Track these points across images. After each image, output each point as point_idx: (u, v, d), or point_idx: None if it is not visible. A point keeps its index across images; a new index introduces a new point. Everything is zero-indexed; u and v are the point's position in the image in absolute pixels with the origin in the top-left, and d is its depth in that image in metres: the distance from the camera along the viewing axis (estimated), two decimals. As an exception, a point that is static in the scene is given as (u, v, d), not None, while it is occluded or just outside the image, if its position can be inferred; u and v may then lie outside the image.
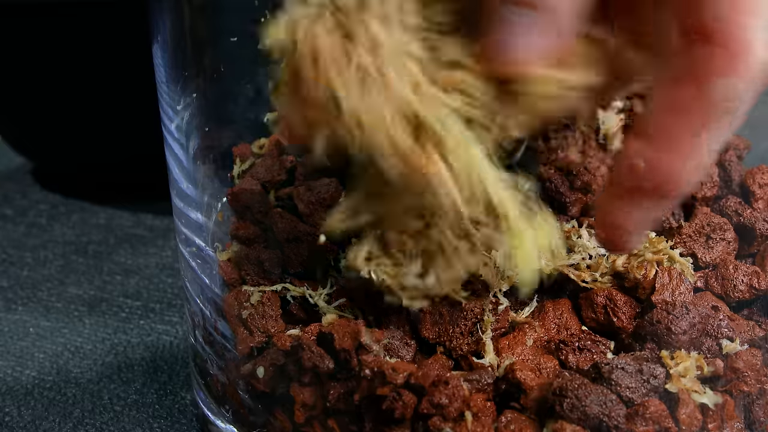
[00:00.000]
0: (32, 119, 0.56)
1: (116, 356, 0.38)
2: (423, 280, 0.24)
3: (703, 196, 0.30)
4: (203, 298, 0.30)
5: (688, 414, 0.23)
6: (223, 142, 0.33)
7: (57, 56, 0.51)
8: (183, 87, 0.30)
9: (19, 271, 0.47)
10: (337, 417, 0.25)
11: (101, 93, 0.52)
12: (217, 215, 0.32)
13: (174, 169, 0.31)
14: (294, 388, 0.25)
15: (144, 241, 0.50)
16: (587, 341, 0.26)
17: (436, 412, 0.23)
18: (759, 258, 0.28)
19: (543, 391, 0.24)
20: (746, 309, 0.27)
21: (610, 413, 0.23)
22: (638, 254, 0.27)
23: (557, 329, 0.26)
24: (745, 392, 0.25)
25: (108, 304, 0.43)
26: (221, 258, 0.29)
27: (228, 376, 0.29)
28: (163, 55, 0.30)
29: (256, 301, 0.27)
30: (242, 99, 0.35)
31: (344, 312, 0.27)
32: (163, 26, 0.29)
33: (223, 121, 0.34)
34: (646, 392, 0.23)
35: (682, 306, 0.25)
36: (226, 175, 0.32)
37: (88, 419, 0.34)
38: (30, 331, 0.40)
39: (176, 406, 0.34)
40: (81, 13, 0.49)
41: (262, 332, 0.27)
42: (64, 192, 0.58)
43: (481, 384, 0.24)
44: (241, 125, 0.35)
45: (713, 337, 0.25)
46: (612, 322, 0.26)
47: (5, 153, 0.62)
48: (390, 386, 0.23)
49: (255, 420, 0.28)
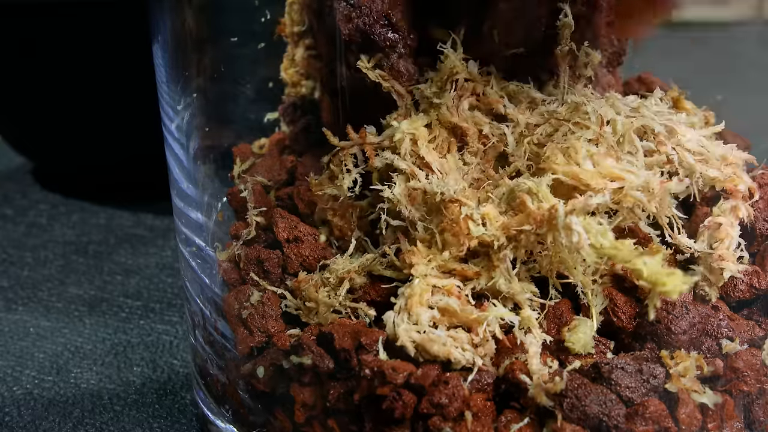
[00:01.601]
0: (32, 119, 0.56)
1: (116, 356, 0.38)
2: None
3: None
4: (203, 297, 0.30)
5: (688, 414, 0.23)
6: (223, 142, 0.33)
7: (57, 56, 0.51)
8: (183, 87, 0.30)
9: (19, 271, 0.47)
10: (337, 417, 0.25)
11: (101, 93, 0.52)
12: (217, 215, 0.32)
13: (174, 169, 0.31)
14: (294, 388, 0.25)
15: (144, 241, 0.50)
16: (587, 341, 0.26)
17: (436, 412, 0.23)
18: (759, 258, 0.28)
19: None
20: (746, 309, 0.27)
21: (609, 413, 0.23)
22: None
23: (557, 329, 0.26)
24: (744, 392, 0.25)
25: (108, 304, 0.43)
26: (221, 258, 0.29)
27: (228, 376, 0.29)
28: (163, 55, 0.30)
29: (256, 301, 0.27)
30: (242, 99, 0.35)
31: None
32: (163, 26, 0.29)
33: (223, 121, 0.34)
34: (645, 392, 0.24)
35: (682, 306, 0.25)
36: (226, 175, 0.32)
37: (88, 419, 0.34)
38: (30, 331, 0.41)
39: (176, 406, 0.34)
40: (81, 13, 0.49)
41: (262, 332, 0.27)
42: (64, 192, 0.58)
43: (481, 384, 0.24)
44: (241, 125, 0.35)
45: (713, 337, 0.25)
46: (612, 322, 0.26)
47: (5, 153, 0.62)
48: (390, 386, 0.23)
49: (255, 420, 0.28)
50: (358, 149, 0.27)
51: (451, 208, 0.25)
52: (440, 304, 0.24)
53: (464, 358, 0.24)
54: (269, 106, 0.35)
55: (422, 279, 0.24)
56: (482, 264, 0.25)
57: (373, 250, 0.27)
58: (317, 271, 0.27)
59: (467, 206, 0.25)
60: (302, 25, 0.32)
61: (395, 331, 0.24)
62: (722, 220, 0.26)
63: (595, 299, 0.25)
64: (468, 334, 0.24)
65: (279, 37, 0.33)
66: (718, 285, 0.26)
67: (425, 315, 0.24)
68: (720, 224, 0.26)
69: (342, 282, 0.26)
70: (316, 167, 0.29)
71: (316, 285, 0.26)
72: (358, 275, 0.26)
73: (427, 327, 0.24)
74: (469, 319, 0.24)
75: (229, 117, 0.35)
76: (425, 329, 0.24)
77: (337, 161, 0.27)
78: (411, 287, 0.24)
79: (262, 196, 0.30)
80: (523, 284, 0.25)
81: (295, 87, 0.33)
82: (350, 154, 0.27)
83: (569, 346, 0.24)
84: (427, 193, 0.25)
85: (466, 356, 0.24)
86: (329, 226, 0.28)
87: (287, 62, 0.34)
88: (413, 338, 0.23)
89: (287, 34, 0.33)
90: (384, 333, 0.24)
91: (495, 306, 0.24)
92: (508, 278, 0.25)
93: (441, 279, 0.24)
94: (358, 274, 0.26)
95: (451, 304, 0.24)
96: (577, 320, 0.25)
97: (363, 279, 0.26)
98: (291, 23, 0.32)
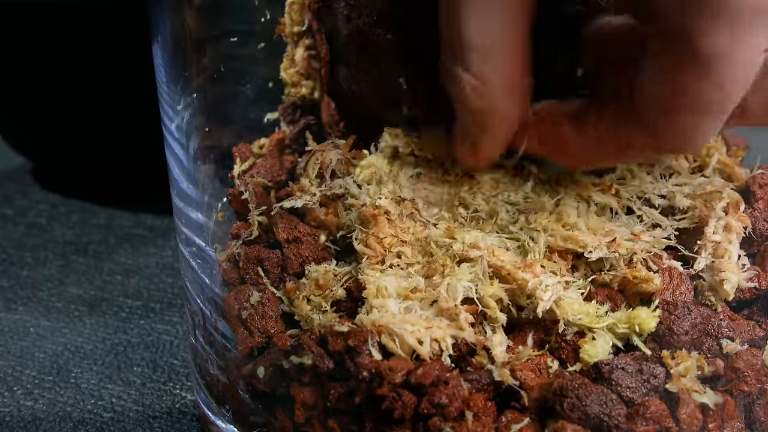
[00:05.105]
0: (32, 119, 0.56)
1: (116, 356, 0.38)
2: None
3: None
4: (203, 297, 0.30)
5: (689, 414, 0.23)
6: (223, 142, 0.33)
7: (57, 56, 0.51)
8: (183, 87, 0.30)
9: (19, 271, 0.47)
10: (338, 417, 0.25)
11: (101, 93, 0.52)
12: (217, 215, 0.32)
13: (174, 169, 0.31)
14: (294, 388, 0.25)
15: (144, 241, 0.50)
16: (587, 341, 0.26)
17: (436, 412, 0.23)
18: (759, 258, 0.28)
19: (543, 390, 0.24)
20: (746, 309, 0.27)
21: (610, 413, 0.23)
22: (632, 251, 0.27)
23: (557, 328, 0.26)
24: (745, 392, 0.25)
25: (108, 304, 0.43)
26: (221, 258, 0.29)
27: (228, 376, 0.29)
28: (163, 55, 0.30)
29: (255, 302, 0.27)
30: (242, 99, 0.35)
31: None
32: (163, 26, 0.29)
33: (223, 121, 0.34)
34: (646, 392, 0.24)
35: (683, 306, 0.25)
36: (226, 175, 0.32)
37: (88, 419, 0.34)
38: (30, 331, 0.40)
39: (176, 406, 0.34)
40: (81, 13, 0.49)
41: (261, 332, 0.27)
42: (64, 192, 0.58)
43: (481, 384, 0.24)
44: (241, 125, 0.35)
45: (714, 337, 0.25)
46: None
47: (5, 153, 0.62)
48: (389, 386, 0.23)
49: (255, 420, 0.28)
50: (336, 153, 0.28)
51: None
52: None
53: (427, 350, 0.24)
54: (269, 106, 0.35)
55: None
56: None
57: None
58: (306, 277, 0.27)
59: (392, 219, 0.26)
60: (302, 25, 0.32)
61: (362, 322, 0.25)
62: (717, 238, 0.26)
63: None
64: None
65: (279, 37, 0.33)
66: (722, 297, 0.26)
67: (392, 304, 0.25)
68: (717, 242, 0.26)
69: (326, 295, 0.26)
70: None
71: (303, 298, 0.27)
72: (340, 286, 0.26)
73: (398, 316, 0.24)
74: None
75: (229, 117, 0.35)
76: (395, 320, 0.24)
77: (312, 164, 0.28)
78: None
79: (262, 196, 0.30)
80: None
81: (295, 87, 0.33)
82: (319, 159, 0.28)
83: (584, 357, 0.24)
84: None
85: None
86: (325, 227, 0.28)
87: (287, 62, 0.34)
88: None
89: (287, 34, 0.33)
90: (371, 333, 0.24)
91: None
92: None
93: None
94: (340, 284, 0.26)
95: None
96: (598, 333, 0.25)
97: (344, 292, 0.26)
98: (291, 23, 0.32)
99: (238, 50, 0.33)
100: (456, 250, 0.26)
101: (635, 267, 0.26)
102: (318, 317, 0.26)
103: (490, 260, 0.25)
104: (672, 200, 0.27)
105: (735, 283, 0.26)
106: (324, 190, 0.28)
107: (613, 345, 0.25)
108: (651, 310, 0.25)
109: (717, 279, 0.26)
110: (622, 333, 0.25)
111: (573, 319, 0.25)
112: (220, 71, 0.31)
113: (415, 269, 0.26)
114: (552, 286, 0.25)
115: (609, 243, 0.26)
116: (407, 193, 0.27)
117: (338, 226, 0.28)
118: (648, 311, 0.25)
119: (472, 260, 0.25)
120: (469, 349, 0.24)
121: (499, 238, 0.26)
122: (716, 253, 0.26)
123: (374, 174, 0.28)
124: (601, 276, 0.26)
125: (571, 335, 0.25)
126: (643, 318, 0.24)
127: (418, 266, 0.26)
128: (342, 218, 0.27)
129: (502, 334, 0.25)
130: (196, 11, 0.29)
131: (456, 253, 0.26)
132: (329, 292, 0.26)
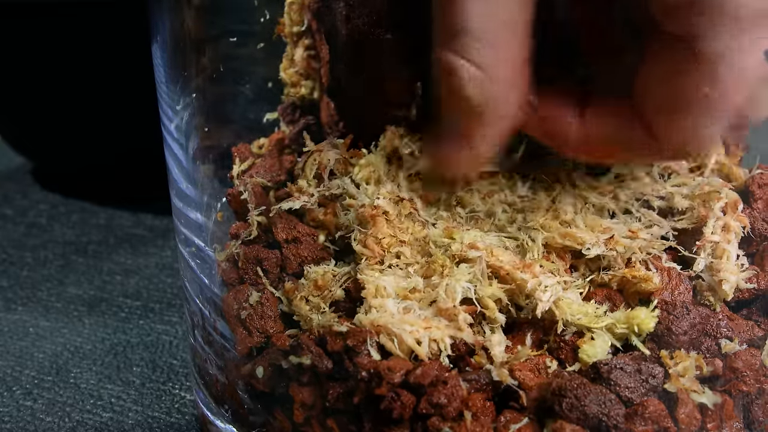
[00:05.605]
0: (32, 119, 0.56)
1: (115, 356, 0.38)
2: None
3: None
4: (202, 297, 0.30)
5: (687, 414, 0.23)
6: (222, 142, 0.33)
7: (57, 56, 0.51)
8: (183, 87, 0.30)
9: (19, 271, 0.47)
10: (336, 417, 0.25)
11: (101, 93, 0.52)
12: (216, 215, 0.32)
13: (173, 169, 0.31)
14: (293, 388, 0.25)
15: (144, 241, 0.50)
16: (586, 341, 0.26)
17: (434, 412, 0.23)
18: (758, 258, 0.28)
19: (542, 390, 0.24)
20: (745, 309, 0.27)
21: (609, 413, 0.23)
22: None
23: (556, 329, 0.26)
24: (744, 392, 0.25)
25: (108, 304, 0.43)
26: (220, 258, 0.29)
27: (227, 376, 0.29)
28: (162, 55, 0.30)
29: (254, 302, 0.27)
30: (241, 99, 0.35)
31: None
32: (162, 26, 0.29)
33: (223, 121, 0.34)
34: (645, 392, 0.24)
35: (682, 306, 0.25)
36: (226, 175, 0.32)
37: (88, 419, 0.34)
38: (30, 331, 0.41)
39: (175, 406, 0.34)
40: (81, 13, 0.49)
41: (260, 332, 0.27)
42: (64, 192, 0.58)
43: (479, 384, 0.24)
44: (240, 125, 0.35)
45: (712, 337, 0.25)
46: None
47: (5, 153, 0.62)
48: (388, 386, 0.23)
49: (254, 420, 0.28)
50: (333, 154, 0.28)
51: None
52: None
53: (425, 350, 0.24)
54: (268, 106, 0.35)
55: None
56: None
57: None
58: (304, 278, 0.27)
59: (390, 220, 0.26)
60: (301, 25, 0.32)
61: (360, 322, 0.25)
62: (716, 238, 0.26)
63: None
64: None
65: (278, 37, 0.33)
66: (721, 297, 0.26)
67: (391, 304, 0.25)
68: (716, 242, 0.26)
69: (325, 295, 0.26)
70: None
71: (302, 298, 0.27)
72: (339, 286, 0.26)
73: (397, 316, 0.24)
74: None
75: (229, 117, 0.35)
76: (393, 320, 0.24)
77: (310, 164, 0.28)
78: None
79: (262, 196, 0.30)
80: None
81: (294, 87, 0.33)
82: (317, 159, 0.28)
83: (583, 357, 0.24)
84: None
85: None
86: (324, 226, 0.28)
87: (286, 62, 0.34)
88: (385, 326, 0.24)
89: (286, 34, 0.33)
90: (370, 333, 0.24)
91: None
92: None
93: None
94: (338, 285, 0.26)
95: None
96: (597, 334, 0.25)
97: (343, 292, 0.26)
98: (290, 23, 0.33)
99: (238, 50, 0.33)
100: (455, 250, 0.26)
101: (634, 266, 0.26)
102: (317, 317, 0.26)
103: (489, 260, 0.25)
104: (670, 201, 0.27)
105: (734, 283, 0.26)
106: (322, 191, 0.28)
107: (612, 345, 0.25)
108: (650, 310, 0.25)
109: (716, 279, 0.26)
110: (620, 333, 0.25)
111: (572, 319, 0.25)
112: (220, 71, 0.31)
113: (414, 269, 0.26)
114: (551, 286, 0.25)
115: (606, 240, 0.26)
116: (406, 192, 0.27)
117: (337, 227, 0.28)
118: (647, 311, 0.25)
119: (470, 260, 0.25)
120: (468, 349, 0.24)
121: (498, 237, 0.26)
122: (715, 253, 0.26)
123: (373, 173, 0.28)
124: (599, 276, 0.26)
125: (569, 335, 0.25)
126: (642, 318, 0.24)
127: (417, 266, 0.26)
128: (341, 218, 0.27)
129: (500, 334, 0.25)
130: (195, 11, 0.29)
131: (455, 254, 0.26)
132: (328, 293, 0.26)
